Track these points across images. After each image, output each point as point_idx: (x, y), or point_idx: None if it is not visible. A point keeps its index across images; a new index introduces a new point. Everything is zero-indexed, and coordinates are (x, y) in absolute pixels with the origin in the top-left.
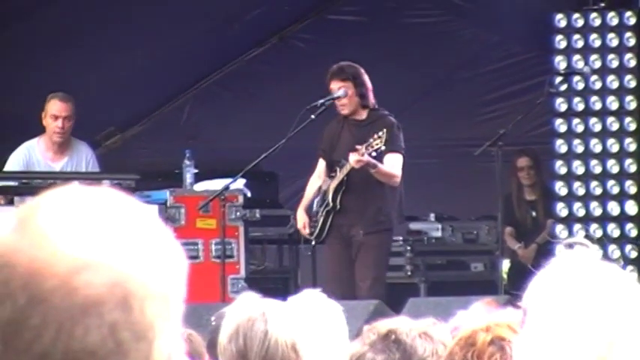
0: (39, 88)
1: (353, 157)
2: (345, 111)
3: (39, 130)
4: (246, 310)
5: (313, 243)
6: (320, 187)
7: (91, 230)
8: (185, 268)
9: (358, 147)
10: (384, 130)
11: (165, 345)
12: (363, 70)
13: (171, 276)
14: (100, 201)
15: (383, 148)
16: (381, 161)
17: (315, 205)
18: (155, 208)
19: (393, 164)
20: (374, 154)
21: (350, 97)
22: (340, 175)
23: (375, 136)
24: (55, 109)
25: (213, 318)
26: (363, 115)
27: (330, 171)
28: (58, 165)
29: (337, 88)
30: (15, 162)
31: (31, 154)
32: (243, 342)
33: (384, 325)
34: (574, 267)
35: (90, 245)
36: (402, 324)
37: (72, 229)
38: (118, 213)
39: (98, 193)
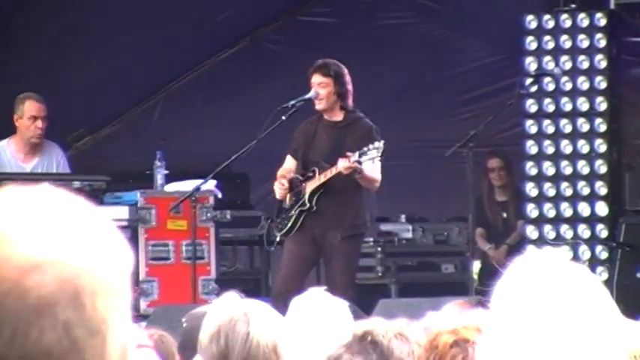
0: (8, 90)
1: (343, 164)
2: (320, 106)
3: (7, 131)
4: (228, 311)
5: (278, 239)
6: (293, 181)
7: (38, 230)
8: (130, 260)
9: (349, 154)
10: (382, 142)
11: (119, 337)
12: (346, 72)
13: (119, 269)
14: (45, 201)
15: (378, 159)
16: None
17: (286, 203)
18: (126, 209)
19: (374, 169)
20: (367, 162)
21: (328, 94)
22: (322, 177)
23: (372, 146)
24: (34, 109)
25: (184, 319)
26: (340, 116)
27: (305, 170)
28: (29, 166)
29: (317, 82)
30: None
31: (2, 155)
32: (225, 343)
33: (359, 326)
34: (538, 267)
35: (38, 245)
36: (377, 325)
37: (19, 230)
38: (63, 211)
39: (42, 193)
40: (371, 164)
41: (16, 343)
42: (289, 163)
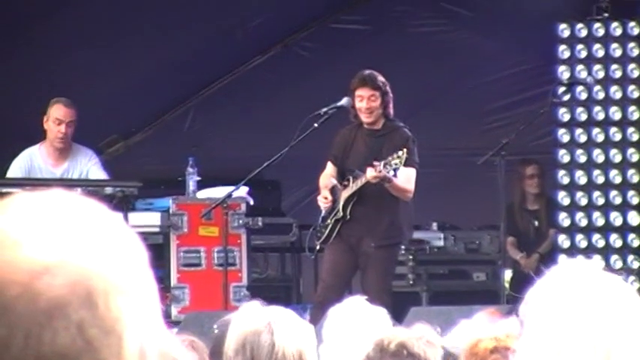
0: (42, 96)
1: (370, 173)
2: (370, 119)
3: (41, 137)
4: (252, 321)
5: (318, 247)
6: (333, 188)
7: (47, 232)
8: (145, 259)
9: (376, 163)
10: (405, 150)
11: (137, 338)
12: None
13: (132, 269)
14: (52, 204)
15: (401, 167)
16: (395, 175)
17: (323, 211)
18: (158, 215)
19: (407, 178)
20: (392, 172)
21: (377, 107)
22: (354, 186)
23: (395, 155)
24: (59, 113)
25: (215, 326)
26: (379, 124)
27: (341, 178)
28: (59, 170)
29: (367, 96)
30: (17, 168)
31: (33, 161)
32: (251, 355)
33: (391, 339)
34: (572, 276)
35: (47, 248)
36: (405, 336)
37: (27, 233)
38: (70, 214)
39: (50, 196)
40: (403, 174)
41: (30, 347)
42: (329, 169)
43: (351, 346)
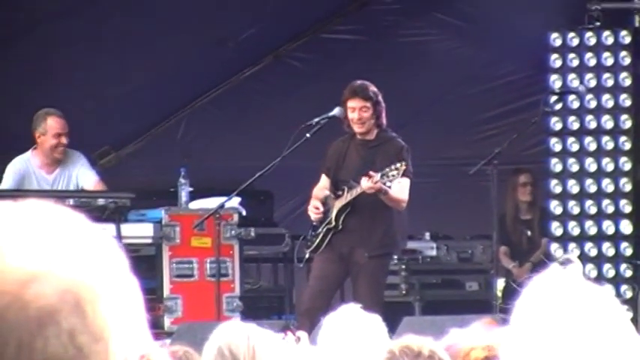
0: (34, 107)
1: (366, 184)
2: (362, 129)
3: (28, 146)
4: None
5: (307, 256)
6: (326, 198)
7: (35, 242)
8: (126, 269)
9: (372, 174)
10: (403, 162)
11: (122, 346)
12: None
13: (115, 277)
14: (39, 214)
15: (401, 180)
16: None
17: (314, 221)
18: (150, 226)
19: (401, 189)
20: (388, 183)
21: (369, 117)
22: (348, 196)
23: (393, 167)
24: (58, 127)
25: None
26: (372, 135)
27: (335, 189)
28: (52, 176)
29: (359, 107)
30: (13, 172)
31: (28, 166)
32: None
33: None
34: (558, 285)
35: (35, 257)
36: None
37: (15, 243)
38: (57, 224)
39: (35, 207)
40: (397, 184)
41: (22, 356)
42: (323, 182)
43: (346, 355)
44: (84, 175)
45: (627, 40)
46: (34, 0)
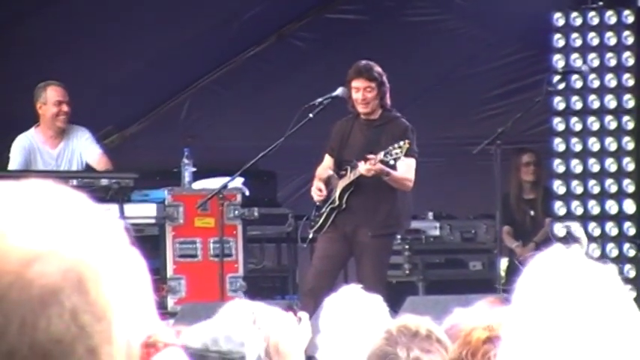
0: (33, 87)
1: (364, 167)
2: (366, 109)
3: (29, 126)
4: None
5: (311, 236)
6: (329, 178)
7: (36, 222)
8: (131, 250)
9: (371, 156)
10: (406, 140)
11: (125, 326)
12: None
13: (119, 257)
14: (41, 194)
15: (402, 157)
16: (394, 166)
17: (317, 202)
18: (153, 206)
19: (407, 168)
20: (392, 162)
21: (373, 97)
22: (352, 175)
23: (396, 145)
24: (58, 94)
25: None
26: (376, 115)
27: (339, 169)
28: (56, 151)
29: (363, 87)
30: (19, 147)
31: (32, 142)
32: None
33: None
34: (560, 264)
35: (37, 236)
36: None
37: (16, 222)
38: (60, 204)
39: (37, 187)
40: (403, 164)
41: (25, 334)
42: (327, 162)
43: (348, 335)
44: (87, 150)
45: (630, 19)
46: None
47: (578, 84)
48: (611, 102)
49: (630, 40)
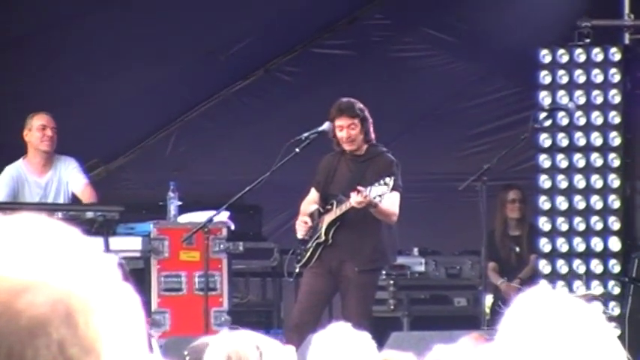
0: (21, 120)
1: (355, 199)
2: (352, 147)
3: (18, 157)
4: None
5: (297, 271)
6: (313, 213)
7: (26, 253)
8: (120, 282)
9: (361, 189)
10: (392, 177)
11: (115, 356)
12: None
13: (110, 290)
14: (32, 226)
15: (388, 194)
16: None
17: (300, 235)
18: (139, 240)
19: (392, 202)
20: (378, 198)
21: (357, 134)
22: (338, 211)
23: (382, 182)
24: (43, 120)
25: (186, 352)
26: (362, 150)
27: (325, 203)
28: (43, 180)
29: (347, 125)
30: (7, 177)
31: (20, 172)
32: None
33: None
34: (545, 302)
35: (27, 268)
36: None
37: (6, 254)
38: (50, 236)
39: (28, 219)
40: (387, 198)
41: None
42: (312, 196)
43: None
44: (74, 179)
45: (617, 57)
46: (22, 13)
47: (565, 121)
48: (597, 139)
49: (617, 78)
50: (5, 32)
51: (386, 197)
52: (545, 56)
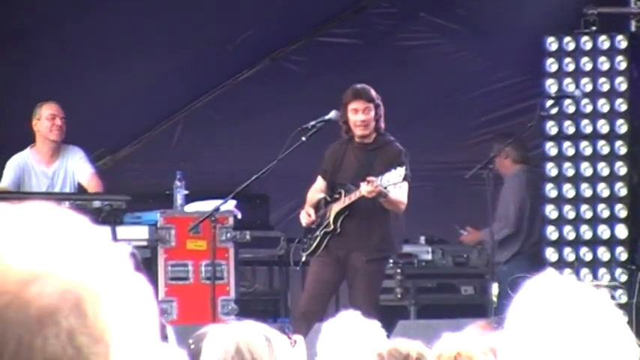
0: (29, 109)
1: (365, 189)
2: (366, 131)
3: (25, 146)
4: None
5: (304, 259)
6: (319, 202)
7: (35, 243)
8: (130, 272)
9: (371, 179)
10: (403, 167)
11: (124, 349)
12: None
13: (119, 279)
14: (41, 215)
15: (401, 184)
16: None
17: (305, 225)
18: (145, 229)
19: (400, 192)
20: (390, 187)
21: (371, 119)
22: (347, 200)
23: (394, 171)
24: (52, 109)
25: (191, 341)
26: (371, 138)
27: (332, 192)
28: (51, 169)
29: (362, 109)
30: (14, 166)
31: (27, 161)
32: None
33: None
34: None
35: (36, 257)
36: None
37: (15, 244)
38: (59, 225)
39: (35, 208)
40: (397, 188)
41: (21, 354)
42: (319, 184)
43: None
44: (80, 168)
45: (623, 44)
46: (30, 4)
47: (571, 109)
48: (603, 127)
49: (623, 65)
50: (12, 23)
51: (395, 187)
52: (552, 44)
